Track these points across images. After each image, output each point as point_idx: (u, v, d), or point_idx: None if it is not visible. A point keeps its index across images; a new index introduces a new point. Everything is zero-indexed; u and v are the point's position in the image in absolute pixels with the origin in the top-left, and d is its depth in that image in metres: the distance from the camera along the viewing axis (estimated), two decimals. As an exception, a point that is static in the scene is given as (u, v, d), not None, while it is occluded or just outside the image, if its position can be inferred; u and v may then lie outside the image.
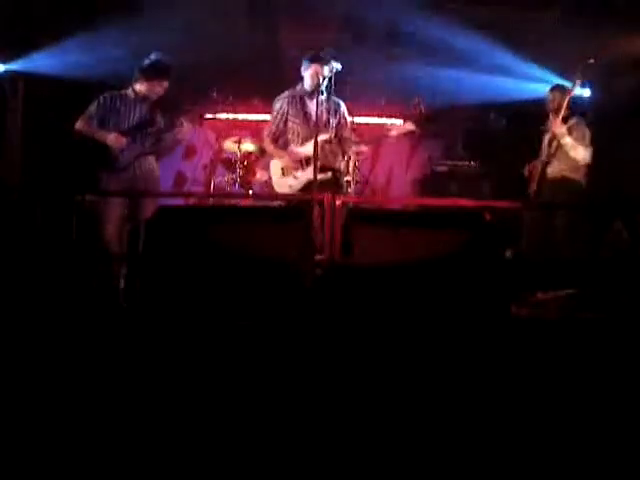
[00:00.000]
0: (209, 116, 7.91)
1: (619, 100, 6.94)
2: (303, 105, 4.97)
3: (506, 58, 6.89)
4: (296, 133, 4.96)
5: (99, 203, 4.91)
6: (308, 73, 4.90)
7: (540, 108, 5.66)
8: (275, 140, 5.06)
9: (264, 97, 7.73)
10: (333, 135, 4.95)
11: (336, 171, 4.99)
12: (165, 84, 5.01)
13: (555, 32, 6.51)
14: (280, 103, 5.05)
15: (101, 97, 4.95)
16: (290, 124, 4.97)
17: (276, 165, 5.06)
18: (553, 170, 5.28)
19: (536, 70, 6.85)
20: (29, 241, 5.05)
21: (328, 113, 4.99)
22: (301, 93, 4.98)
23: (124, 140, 4.88)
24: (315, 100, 4.76)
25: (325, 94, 4.94)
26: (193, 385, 2.96)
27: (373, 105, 7.73)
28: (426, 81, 6.98)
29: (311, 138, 4.70)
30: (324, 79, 4.86)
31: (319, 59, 4.86)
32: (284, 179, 5.00)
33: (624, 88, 6.92)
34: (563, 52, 6.67)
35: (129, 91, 5.00)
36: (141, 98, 4.99)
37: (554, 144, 5.24)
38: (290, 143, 5.00)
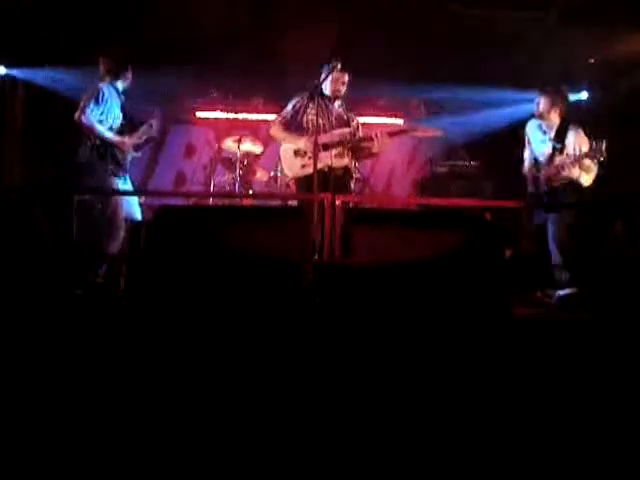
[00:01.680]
0: (209, 115, 7.93)
1: (619, 100, 6.95)
2: (325, 103, 5.02)
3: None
4: (314, 124, 4.81)
5: (108, 208, 4.94)
6: (330, 79, 4.95)
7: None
8: (286, 127, 5.06)
9: (264, 97, 7.76)
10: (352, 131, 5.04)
11: (348, 169, 5.05)
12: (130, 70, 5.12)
13: (555, 32, 6.51)
14: (299, 97, 5.09)
15: (96, 90, 4.94)
16: (309, 116, 4.97)
17: (287, 148, 5.04)
18: (559, 177, 5.25)
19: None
20: (29, 241, 5.05)
21: (347, 116, 5.10)
22: (322, 95, 5.01)
23: (130, 144, 5.03)
24: (337, 102, 5.03)
25: (342, 101, 5.08)
26: (193, 384, 2.96)
27: (373, 104, 7.75)
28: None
29: (330, 129, 4.92)
30: (344, 85, 4.99)
31: (341, 67, 4.93)
32: (297, 159, 4.95)
33: (624, 88, 6.94)
34: (563, 52, 6.68)
35: (113, 86, 5.04)
36: (122, 92, 5.08)
37: (563, 156, 5.20)
38: (305, 133, 4.98)
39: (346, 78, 4.99)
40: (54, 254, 4.98)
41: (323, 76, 4.87)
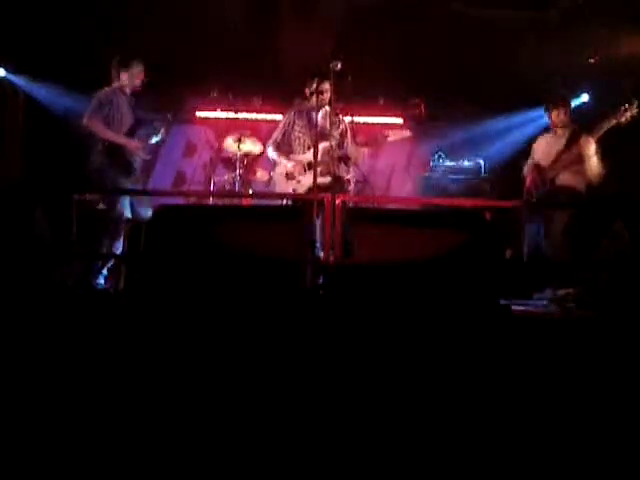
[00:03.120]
0: (209, 115, 7.92)
1: (619, 100, 6.93)
2: (309, 117, 5.15)
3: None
4: (301, 142, 5.20)
5: (114, 208, 4.95)
6: (312, 91, 5.04)
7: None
8: (278, 148, 5.25)
9: (264, 96, 7.75)
10: (335, 144, 5.08)
11: (338, 177, 5.08)
12: (142, 67, 5.13)
13: (555, 32, 6.51)
14: (288, 115, 5.32)
15: (101, 94, 4.98)
16: (296, 134, 5.21)
17: (280, 171, 5.23)
18: (559, 179, 5.28)
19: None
20: (29, 240, 5.05)
21: (332, 124, 5.13)
22: (308, 107, 5.11)
23: (140, 146, 5.05)
24: (321, 113, 5.03)
25: (329, 107, 5.11)
26: (193, 383, 2.96)
27: (373, 104, 7.74)
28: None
29: (314, 145, 4.88)
30: (327, 94, 5.04)
31: (322, 76, 4.96)
32: (288, 183, 5.20)
33: (624, 88, 6.92)
34: (563, 52, 6.67)
35: (120, 88, 5.07)
36: (129, 95, 5.11)
37: (568, 155, 5.24)
38: (294, 152, 5.23)
39: (327, 86, 5.04)
40: (54, 254, 4.98)
41: (307, 89, 4.95)
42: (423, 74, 6.97)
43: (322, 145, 4.93)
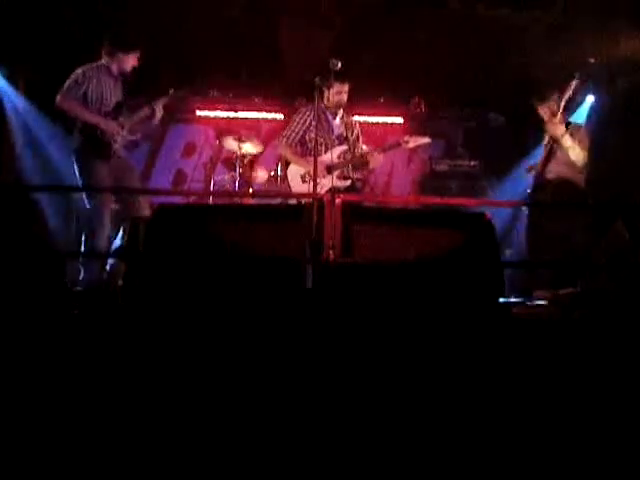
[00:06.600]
0: (209, 114, 7.92)
1: (619, 100, 6.93)
2: (326, 118, 5.07)
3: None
4: (318, 144, 4.95)
5: (94, 197, 4.77)
6: (331, 91, 4.98)
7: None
8: (292, 146, 5.10)
9: (264, 95, 7.76)
10: (350, 148, 5.09)
11: (355, 180, 5.09)
12: (137, 55, 4.89)
13: (555, 32, 6.51)
14: (304, 112, 5.17)
15: (80, 71, 4.72)
16: (311, 134, 5.02)
17: (295, 172, 5.10)
18: (551, 172, 5.26)
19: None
20: (27, 239, 5.05)
21: (347, 128, 5.12)
22: (324, 109, 5.04)
23: (119, 128, 4.77)
24: (337, 115, 5.09)
25: (343, 110, 5.10)
26: (193, 383, 2.95)
27: (373, 104, 7.74)
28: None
29: (332, 148, 4.99)
30: (346, 94, 5.01)
31: (341, 77, 4.90)
32: (305, 185, 5.01)
33: (624, 88, 6.92)
34: (563, 52, 6.67)
35: (106, 65, 4.83)
36: (117, 74, 4.86)
37: (553, 146, 5.22)
38: (310, 154, 5.03)
39: (347, 87, 5.01)
40: (53, 252, 4.97)
41: (323, 88, 4.87)
42: (423, 73, 6.97)
43: (340, 149, 4.94)
